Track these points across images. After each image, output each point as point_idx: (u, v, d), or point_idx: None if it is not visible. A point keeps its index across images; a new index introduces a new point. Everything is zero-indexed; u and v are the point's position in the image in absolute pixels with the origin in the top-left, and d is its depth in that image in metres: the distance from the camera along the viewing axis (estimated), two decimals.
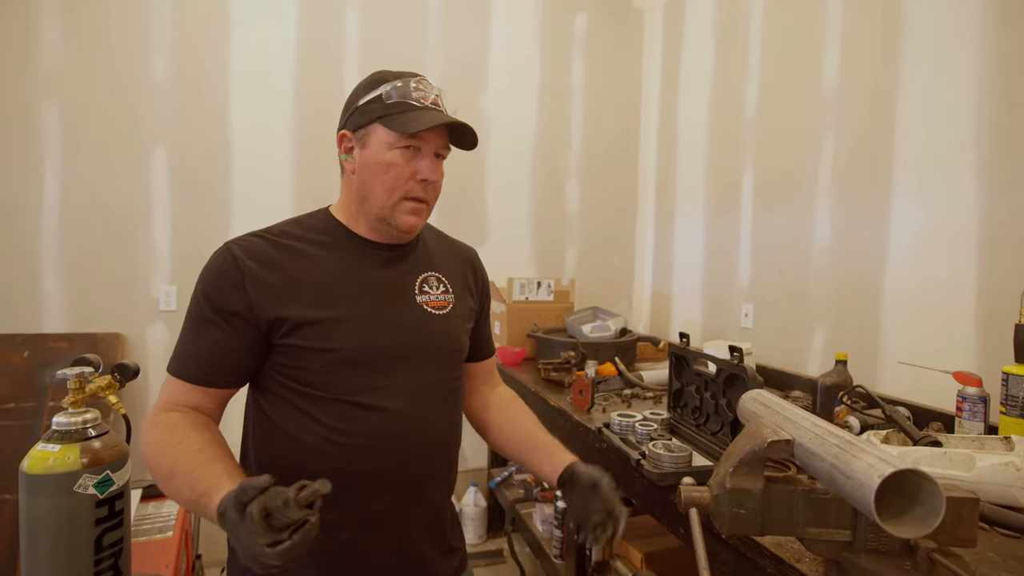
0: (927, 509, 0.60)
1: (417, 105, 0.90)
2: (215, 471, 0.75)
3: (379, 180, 0.91)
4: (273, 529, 0.62)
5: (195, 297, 0.88)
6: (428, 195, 0.94)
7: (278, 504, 0.62)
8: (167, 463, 0.78)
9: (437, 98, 0.94)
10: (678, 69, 2.76)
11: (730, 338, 2.33)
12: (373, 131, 0.90)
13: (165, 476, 0.78)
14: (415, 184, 0.91)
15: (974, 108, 1.46)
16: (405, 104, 0.90)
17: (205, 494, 0.72)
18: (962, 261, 1.49)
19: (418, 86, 0.92)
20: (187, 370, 0.86)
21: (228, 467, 0.77)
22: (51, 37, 2.17)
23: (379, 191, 0.91)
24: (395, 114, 0.89)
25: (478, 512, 2.62)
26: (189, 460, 0.77)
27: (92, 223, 2.24)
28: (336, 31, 2.50)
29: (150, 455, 0.81)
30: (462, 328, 1.03)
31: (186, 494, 0.75)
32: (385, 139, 0.90)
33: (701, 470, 1.13)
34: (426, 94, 0.92)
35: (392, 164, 0.90)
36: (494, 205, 2.79)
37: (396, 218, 0.92)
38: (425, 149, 0.91)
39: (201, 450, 0.78)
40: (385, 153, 0.90)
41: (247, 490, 0.64)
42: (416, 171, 0.91)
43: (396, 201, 0.91)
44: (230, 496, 0.66)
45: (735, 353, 1.12)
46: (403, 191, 0.91)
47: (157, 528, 1.33)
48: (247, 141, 2.40)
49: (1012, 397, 1.19)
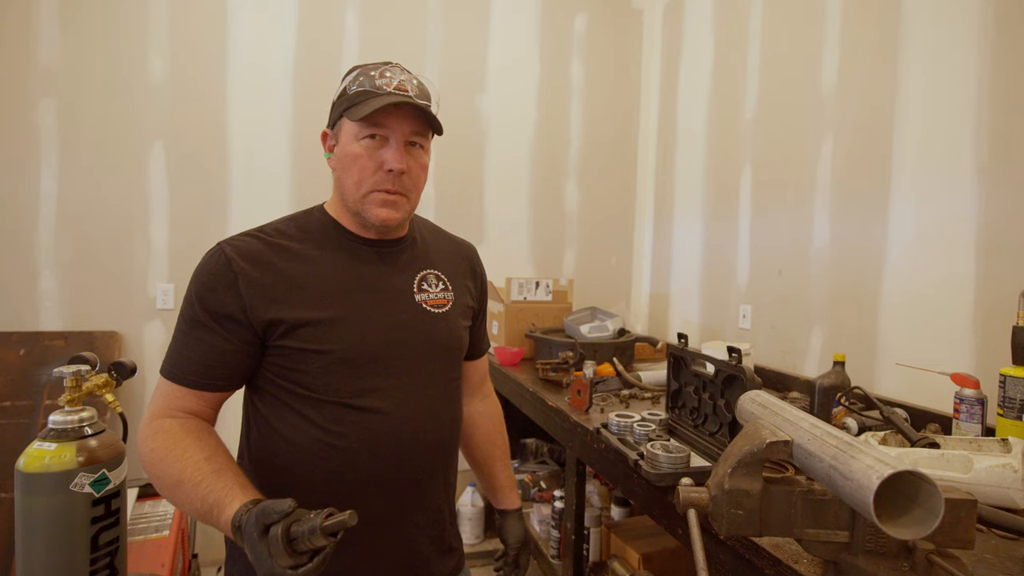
0: (926, 511, 0.60)
1: (378, 92, 0.87)
2: (225, 482, 0.75)
3: (348, 173, 0.89)
4: (295, 553, 0.65)
5: (187, 299, 0.86)
6: (401, 186, 0.90)
7: (304, 531, 0.64)
8: (173, 472, 0.77)
9: (403, 83, 0.89)
10: (677, 70, 2.76)
11: (728, 339, 2.33)
12: (342, 125, 0.90)
13: (171, 485, 0.78)
14: (383, 175, 0.88)
15: (973, 110, 1.47)
16: (367, 93, 0.87)
17: (217, 505, 0.72)
18: (960, 263, 1.49)
19: (382, 73, 0.89)
20: (181, 374, 0.85)
21: (238, 477, 0.77)
22: (48, 34, 2.16)
23: (349, 184, 0.90)
24: (356, 104, 0.87)
25: (475, 512, 2.62)
26: (197, 470, 0.76)
27: (89, 221, 2.23)
28: (335, 30, 2.49)
29: (152, 463, 0.80)
30: (461, 326, 1.02)
31: (196, 504, 0.75)
32: (350, 131, 0.88)
33: (699, 471, 1.12)
34: (390, 80, 0.88)
35: (358, 156, 0.88)
36: (493, 205, 2.79)
37: (368, 211, 0.90)
38: (393, 138, 0.88)
39: (208, 459, 0.78)
40: (352, 145, 0.88)
41: (271, 513, 0.65)
42: (383, 161, 0.88)
43: (365, 194, 0.89)
44: (251, 514, 0.67)
45: (733, 354, 1.12)
46: (371, 183, 0.89)
47: (153, 527, 1.33)
48: (245, 139, 2.40)
49: (1009, 399, 1.19)
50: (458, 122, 2.70)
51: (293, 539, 0.65)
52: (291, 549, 0.64)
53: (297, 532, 0.65)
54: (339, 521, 0.65)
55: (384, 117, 0.87)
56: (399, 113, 0.87)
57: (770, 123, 2.16)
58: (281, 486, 0.88)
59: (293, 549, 0.64)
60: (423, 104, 0.88)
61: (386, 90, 0.87)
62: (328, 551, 0.65)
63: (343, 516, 0.65)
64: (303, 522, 0.65)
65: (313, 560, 0.65)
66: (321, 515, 0.65)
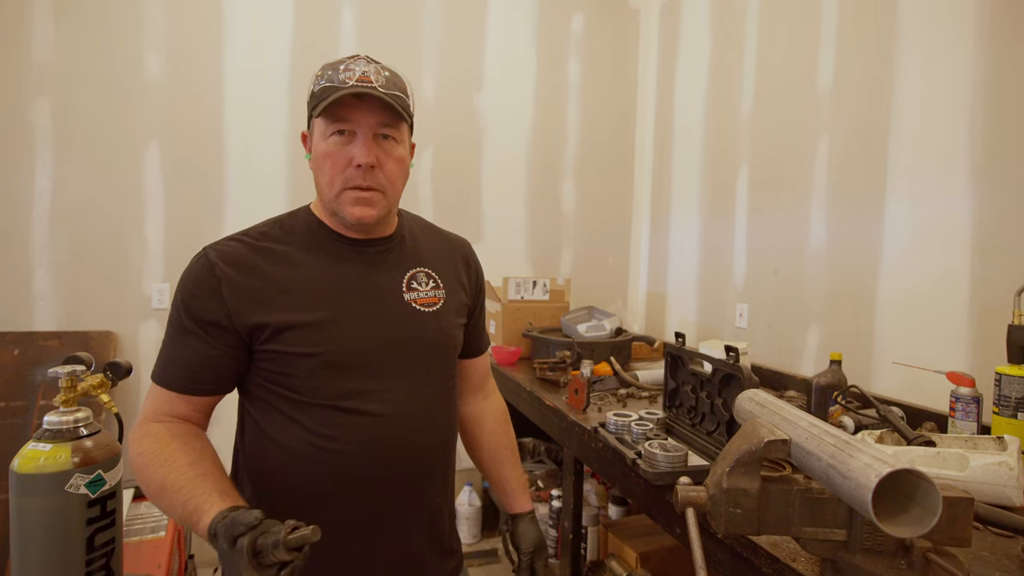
0: (924, 509, 0.60)
1: (341, 86, 0.84)
2: (205, 488, 0.74)
3: (322, 172, 0.88)
4: (261, 565, 0.64)
5: (174, 305, 0.86)
6: (374, 181, 0.87)
7: (267, 544, 0.64)
8: (157, 477, 0.77)
9: (366, 74, 0.85)
10: (674, 69, 2.76)
11: (725, 338, 2.33)
12: (314, 125, 0.88)
13: (156, 490, 0.78)
14: (352, 171, 0.86)
15: (968, 111, 1.47)
16: (330, 88, 0.85)
17: (196, 511, 0.72)
18: (955, 262, 1.50)
19: (347, 67, 0.86)
20: (170, 379, 0.85)
21: (218, 483, 0.76)
22: (43, 32, 2.15)
23: (323, 183, 0.88)
24: (321, 101, 0.85)
25: (473, 512, 2.62)
26: (179, 475, 0.76)
27: (84, 220, 2.22)
28: (331, 29, 2.49)
29: (139, 467, 0.80)
30: (454, 324, 1.01)
31: (177, 510, 0.75)
32: (320, 129, 0.87)
33: (697, 470, 1.13)
34: (353, 73, 0.85)
35: (328, 153, 0.86)
36: (490, 204, 2.79)
37: (343, 210, 0.88)
38: (360, 133, 0.85)
39: (191, 464, 0.77)
40: (321, 144, 0.87)
41: (238, 524, 0.65)
42: (352, 157, 0.85)
43: (338, 192, 0.87)
44: (222, 524, 0.66)
45: (731, 353, 1.12)
46: (341, 180, 0.86)
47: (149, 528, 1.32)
48: (241, 139, 2.39)
49: (1005, 397, 1.19)
50: (455, 121, 2.70)
51: (259, 552, 0.64)
52: (256, 562, 0.64)
53: (262, 545, 0.64)
54: (301, 536, 0.64)
55: (348, 111, 0.84)
56: (363, 106, 0.85)
57: (767, 123, 2.17)
58: (275, 490, 0.88)
59: (259, 562, 0.64)
60: (387, 94, 0.85)
61: (349, 83, 0.84)
62: (296, 564, 0.64)
63: (306, 531, 0.65)
64: (268, 535, 0.64)
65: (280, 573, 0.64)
66: (285, 529, 0.64)
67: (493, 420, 1.15)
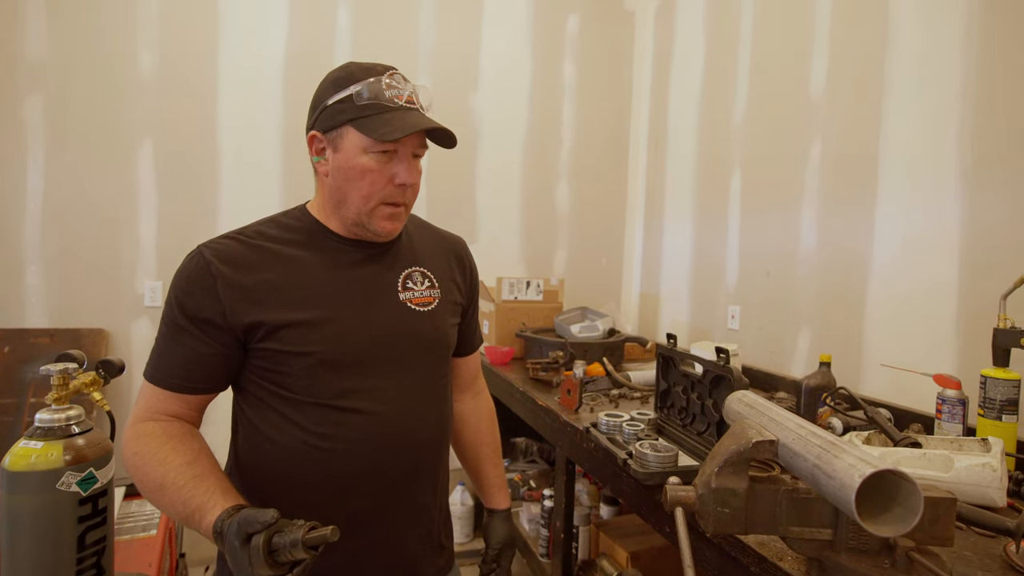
0: (906, 509, 0.62)
1: (391, 106, 0.85)
2: (207, 486, 0.75)
3: (355, 186, 0.87)
4: (275, 563, 0.65)
5: (168, 303, 0.86)
6: (406, 198, 0.91)
7: (286, 543, 0.65)
8: (155, 476, 0.78)
9: (412, 95, 0.88)
10: (668, 71, 2.77)
11: (717, 339, 2.35)
12: (346, 134, 0.86)
13: (153, 489, 0.78)
14: (393, 189, 0.88)
15: (957, 117, 1.49)
16: (378, 105, 0.84)
17: (199, 510, 0.72)
18: (944, 266, 1.52)
19: (391, 83, 0.86)
20: (164, 377, 0.85)
21: (220, 482, 0.77)
22: (36, 29, 2.14)
23: (356, 197, 0.88)
24: (368, 116, 0.84)
25: (465, 511, 2.62)
26: (179, 474, 0.76)
27: (76, 217, 2.21)
28: (327, 28, 2.49)
29: (135, 466, 0.80)
30: (449, 323, 1.01)
31: (178, 508, 0.75)
32: (359, 143, 0.85)
33: (687, 470, 1.14)
34: (400, 92, 0.86)
35: (368, 169, 0.86)
36: (484, 204, 2.79)
37: (374, 224, 0.90)
38: (402, 152, 0.87)
39: (190, 463, 0.78)
40: (360, 157, 0.85)
41: (253, 522, 0.66)
42: (393, 175, 0.87)
43: (373, 207, 0.88)
44: (233, 521, 0.68)
45: (721, 354, 1.13)
46: (380, 196, 0.88)
47: (140, 526, 1.32)
48: (235, 137, 2.39)
49: (990, 400, 1.21)
50: (451, 121, 2.64)
51: (274, 550, 0.65)
52: (271, 560, 0.65)
53: (279, 543, 0.65)
54: (320, 536, 0.66)
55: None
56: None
57: (760, 126, 2.18)
58: (268, 488, 0.88)
59: (274, 560, 0.65)
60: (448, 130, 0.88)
61: (397, 103, 0.86)
62: (308, 563, 0.66)
63: (325, 531, 0.66)
64: (285, 533, 0.65)
65: (293, 571, 0.66)
66: (303, 528, 0.66)
67: (478, 419, 1.17)
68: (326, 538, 0.66)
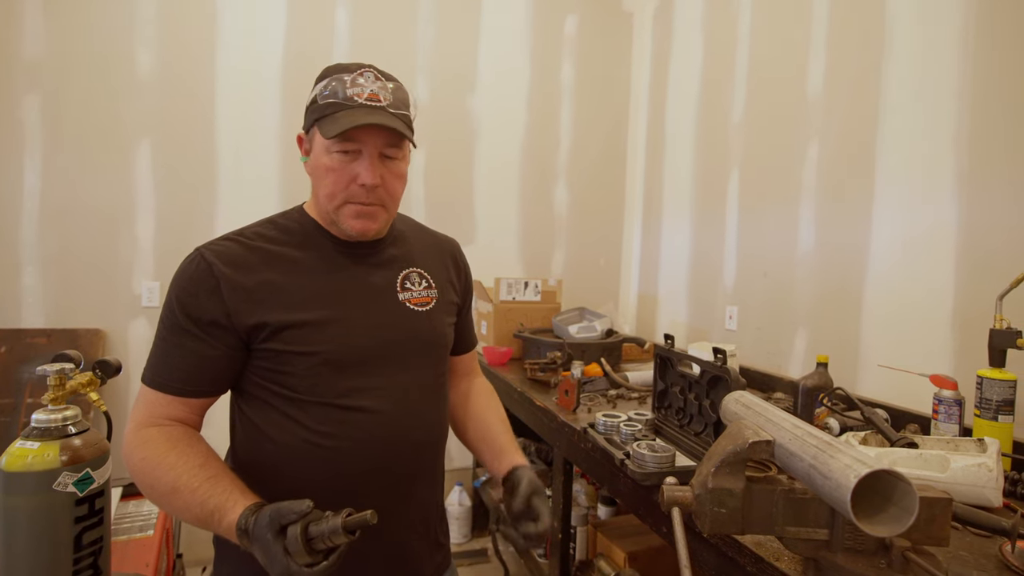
0: (901, 509, 0.62)
1: (348, 104, 0.84)
2: (224, 487, 0.76)
3: (322, 184, 0.88)
4: (313, 551, 0.68)
5: (168, 306, 0.85)
6: (376, 198, 0.88)
7: (324, 530, 0.67)
8: (167, 480, 0.78)
9: (375, 92, 0.86)
10: (667, 72, 2.78)
11: (714, 340, 2.35)
12: (314, 134, 0.87)
13: (165, 493, 0.78)
14: (356, 188, 0.86)
15: (954, 118, 1.50)
16: (337, 104, 0.84)
17: (218, 510, 0.73)
18: (940, 267, 1.52)
19: (355, 81, 0.85)
20: (165, 381, 0.84)
21: (236, 482, 0.78)
22: (33, 28, 2.13)
23: (323, 196, 0.89)
24: (328, 115, 0.85)
25: (463, 511, 2.62)
26: (192, 477, 0.77)
27: (73, 217, 2.21)
28: (326, 28, 2.48)
29: (143, 472, 0.80)
30: (446, 323, 1.02)
31: (194, 510, 0.76)
32: (322, 142, 0.86)
33: (684, 470, 1.14)
34: (362, 89, 0.85)
35: (330, 168, 0.86)
36: (482, 205, 2.80)
37: (342, 223, 0.89)
38: (366, 151, 0.86)
39: (202, 466, 0.78)
40: (323, 157, 0.86)
41: (288, 513, 0.68)
42: (355, 175, 0.86)
43: (338, 206, 0.88)
44: (262, 515, 0.70)
45: (719, 355, 1.13)
46: (343, 196, 0.87)
47: (137, 527, 1.32)
48: (233, 137, 2.38)
49: (986, 400, 1.22)
50: (449, 122, 2.70)
51: (311, 538, 0.67)
52: (309, 548, 0.67)
53: (316, 532, 0.67)
54: (360, 518, 0.68)
55: (354, 131, 0.84)
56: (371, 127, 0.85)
57: (757, 127, 2.19)
58: (269, 487, 0.88)
59: (311, 548, 0.67)
60: (397, 115, 0.86)
61: (358, 101, 0.84)
62: (343, 549, 0.68)
63: (365, 514, 0.68)
64: (321, 522, 0.68)
65: (328, 558, 0.68)
66: (342, 514, 0.68)
67: (477, 394, 1.14)
68: (367, 521, 0.68)
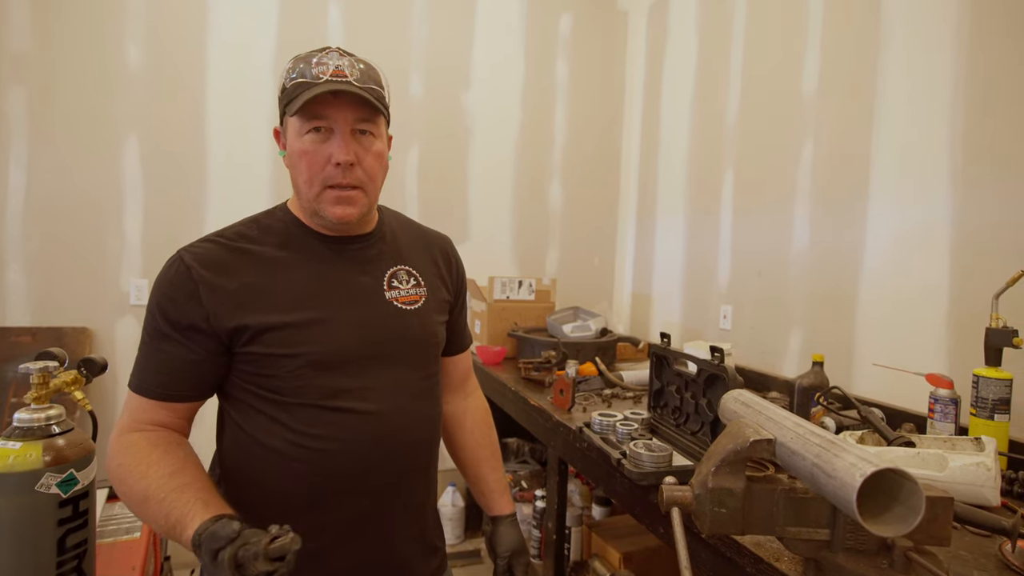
0: (907, 508, 0.61)
1: (315, 82, 0.81)
2: (188, 498, 0.73)
3: (298, 171, 0.86)
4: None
5: (149, 310, 0.84)
6: (355, 179, 0.85)
7: (248, 556, 0.64)
8: (139, 489, 0.76)
9: (340, 68, 0.83)
10: (661, 72, 2.78)
11: (709, 339, 2.35)
12: (287, 121, 0.86)
13: (138, 501, 0.77)
14: (332, 170, 0.84)
15: (948, 118, 1.50)
16: (303, 84, 0.82)
17: (179, 523, 0.71)
18: (935, 266, 1.52)
19: (319, 61, 0.83)
20: (148, 387, 0.83)
21: (200, 492, 0.74)
22: (19, 20, 2.09)
23: (301, 183, 0.86)
24: (294, 98, 0.82)
25: (456, 512, 2.60)
26: (160, 486, 0.75)
27: (59, 213, 2.17)
28: (318, 23, 2.46)
29: (120, 479, 0.78)
30: (436, 322, 1.00)
31: (160, 521, 0.74)
32: (294, 126, 0.84)
33: (681, 469, 1.13)
34: (326, 67, 0.83)
35: (304, 151, 0.84)
36: (476, 203, 2.78)
37: (323, 210, 0.86)
38: (338, 129, 0.83)
39: (172, 474, 0.76)
40: (296, 141, 0.84)
41: (218, 538, 0.65)
42: (329, 155, 0.83)
43: (318, 192, 0.85)
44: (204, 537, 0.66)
45: (716, 353, 1.12)
46: (321, 179, 0.84)
47: (124, 529, 1.29)
48: (224, 133, 2.35)
49: (982, 399, 1.22)
50: (443, 119, 2.68)
51: (240, 564, 0.64)
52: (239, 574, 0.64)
53: (243, 557, 0.64)
54: (281, 546, 0.64)
55: (324, 108, 0.82)
56: (339, 102, 0.82)
57: (752, 126, 2.19)
58: (258, 491, 0.86)
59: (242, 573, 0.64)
60: (363, 88, 0.83)
61: (323, 78, 0.82)
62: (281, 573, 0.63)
63: (285, 540, 0.64)
64: (249, 547, 0.64)
65: None
66: (265, 539, 0.64)
67: (473, 420, 1.14)
68: (287, 548, 0.64)
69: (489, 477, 1.12)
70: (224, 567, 0.63)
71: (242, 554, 0.64)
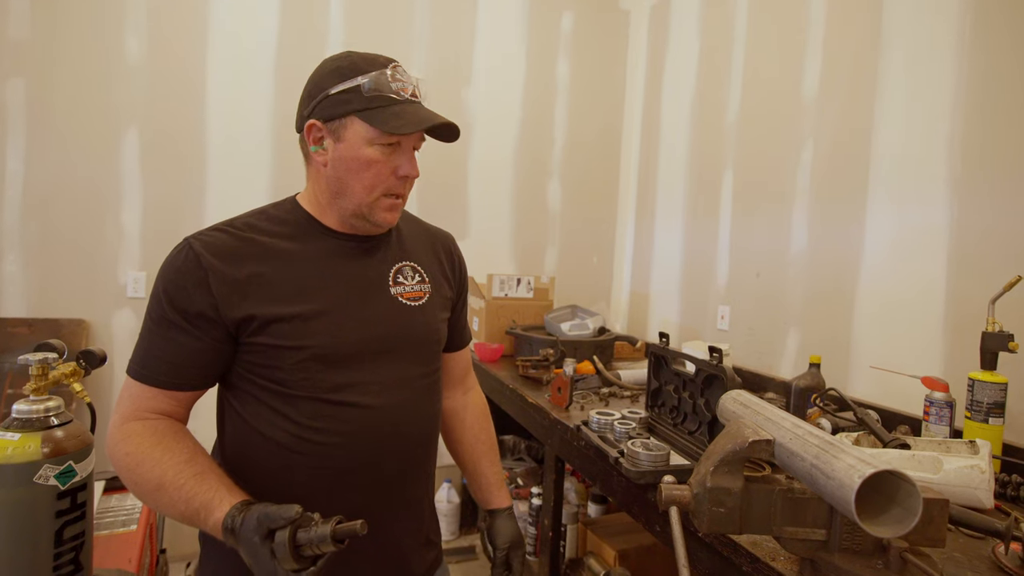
0: (904, 510, 0.61)
1: (397, 99, 0.86)
2: (211, 484, 0.74)
3: (358, 177, 0.87)
4: (300, 558, 0.67)
5: (155, 297, 0.83)
6: (408, 191, 0.93)
7: (312, 537, 0.67)
8: (152, 476, 0.76)
9: (415, 89, 0.89)
10: (662, 71, 2.78)
11: (706, 339, 2.36)
12: (350, 124, 0.85)
13: (151, 489, 0.76)
14: (395, 180, 0.89)
15: (947, 122, 1.50)
16: (385, 97, 0.85)
17: (204, 507, 0.72)
18: (932, 270, 1.53)
19: (395, 76, 0.87)
20: (151, 374, 0.82)
21: (222, 479, 0.76)
22: (18, 10, 2.08)
23: (358, 188, 0.88)
24: (375, 108, 0.84)
25: (451, 508, 2.61)
26: (178, 473, 0.75)
27: (57, 204, 2.16)
28: (320, 18, 2.45)
29: (128, 468, 0.78)
30: (439, 318, 1.01)
31: (179, 507, 0.74)
32: (364, 135, 0.85)
33: (678, 469, 1.13)
34: (404, 85, 0.87)
35: (372, 161, 0.86)
36: (475, 201, 2.78)
37: (375, 215, 0.90)
38: (405, 144, 0.88)
39: (188, 461, 0.77)
40: (364, 149, 0.85)
41: (276, 518, 0.67)
42: (397, 167, 0.88)
43: (376, 198, 0.88)
44: (250, 517, 0.69)
45: (715, 354, 1.13)
46: (383, 188, 0.88)
47: (120, 521, 1.29)
48: (224, 126, 2.34)
49: (977, 402, 1.22)
50: (443, 114, 2.67)
51: (299, 545, 0.66)
52: (296, 554, 0.66)
53: (304, 539, 0.66)
54: (350, 528, 0.67)
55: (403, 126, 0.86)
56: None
57: (752, 127, 2.19)
58: (257, 482, 0.86)
59: (298, 554, 0.66)
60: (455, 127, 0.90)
61: (403, 96, 0.87)
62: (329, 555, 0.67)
63: (354, 525, 0.67)
64: (310, 528, 0.67)
65: (316, 564, 0.67)
66: (331, 522, 0.67)
67: (472, 416, 1.15)
68: (355, 531, 0.67)
69: (487, 471, 1.13)
70: (283, 547, 0.65)
71: (303, 535, 0.66)
